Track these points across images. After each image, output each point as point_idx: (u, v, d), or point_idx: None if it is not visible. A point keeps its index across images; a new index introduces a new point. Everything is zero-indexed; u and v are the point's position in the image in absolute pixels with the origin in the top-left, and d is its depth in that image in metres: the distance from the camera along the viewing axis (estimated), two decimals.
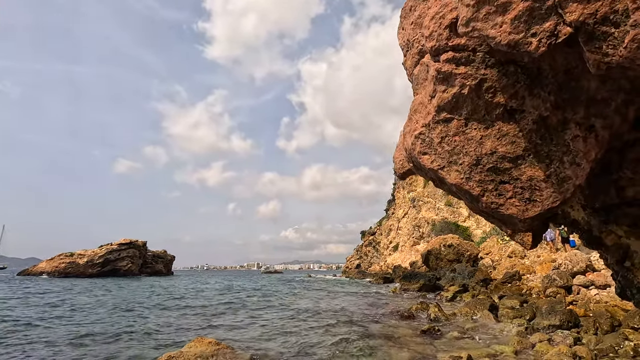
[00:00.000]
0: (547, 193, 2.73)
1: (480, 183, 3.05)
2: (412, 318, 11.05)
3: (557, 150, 2.70)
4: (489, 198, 3.02)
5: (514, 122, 2.82)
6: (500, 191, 2.97)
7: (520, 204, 2.89)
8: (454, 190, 3.48)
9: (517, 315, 9.93)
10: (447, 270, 26.94)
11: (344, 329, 9.86)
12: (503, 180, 2.95)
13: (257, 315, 12.92)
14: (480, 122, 2.97)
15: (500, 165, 2.94)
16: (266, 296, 22.17)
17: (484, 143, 2.98)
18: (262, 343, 8.37)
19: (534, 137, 2.76)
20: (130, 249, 69.57)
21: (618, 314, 8.42)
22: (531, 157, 2.80)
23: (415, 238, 51.45)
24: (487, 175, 2.99)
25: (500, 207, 2.96)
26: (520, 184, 2.88)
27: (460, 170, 3.16)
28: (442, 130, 3.24)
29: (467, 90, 2.90)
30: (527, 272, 19.90)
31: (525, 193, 2.87)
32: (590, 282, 12.82)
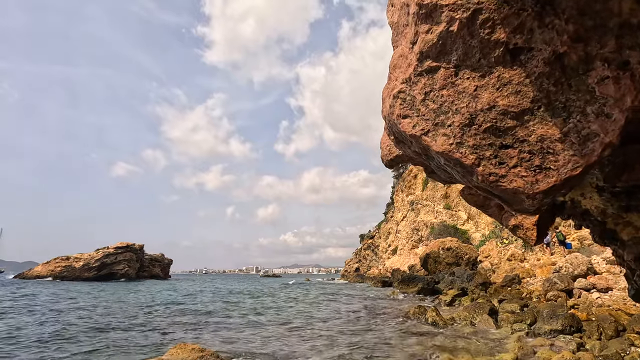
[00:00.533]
0: (565, 157, 2.14)
1: (474, 149, 2.46)
2: (410, 322, 10.57)
3: (577, 99, 2.09)
4: (486, 168, 2.42)
5: (518, 65, 2.24)
6: (501, 158, 2.38)
7: (527, 173, 2.28)
8: (442, 163, 2.87)
9: (517, 319, 9.46)
10: (445, 274, 26.45)
11: (338, 335, 9.39)
12: (505, 144, 2.37)
13: (250, 321, 12.43)
14: (474, 69, 2.40)
15: (500, 123, 2.36)
16: (262, 300, 21.65)
17: (479, 96, 2.41)
18: (253, 350, 7.88)
19: (546, 83, 2.17)
20: (127, 252, 68.92)
21: (622, 318, 7.96)
22: (542, 110, 2.22)
23: (414, 241, 50.95)
24: (484, 137, 2.42)
25: (501, 180, 2.35)
26: (528, 147, 2.29)
27: (449, 133, 2.58)
28: (426, 84, 2.66)
29: (456, 27, 2.31)
30: (527, 275, 19.47)
31: (534, 159, 2.27)
32: (592, 285, 12.38)
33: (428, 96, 2.68)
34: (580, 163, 2.09)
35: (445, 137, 2.59)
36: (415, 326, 9.99)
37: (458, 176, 2.79)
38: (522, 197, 2.33)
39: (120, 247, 68.20)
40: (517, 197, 2.37)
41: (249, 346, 8.22)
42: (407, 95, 2.88)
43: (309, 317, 12.93)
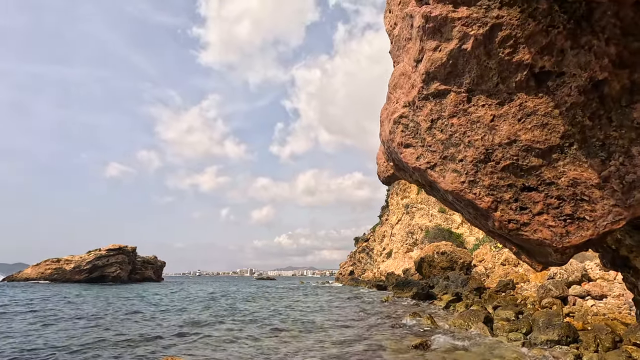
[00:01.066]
0: (604, 207, 1.78)
1: (491, 190, 2.07)
2: (404, 330, 10.46)
3: (619, 137, 1.73)
4: (505, 213, 2.07)
5: (545, 92, 1.84)
6: (524, 202, 2.02)
7: (556, 223, 1.92)
8: (450, 200, 2.51)
9: (512, 328, 9.41)
10: (440, 278, 26.45)
11: (330, 344, 9.23)
12: (528, 186, 2.00)
13: (241, 328, 12.20)
14: (490, 95, 1.99)
15: (523, 161, 1.98)
16: (254, 305, 21.39)
17: (497, 127, 2.01)
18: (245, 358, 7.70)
19: (580, 115, 1.79)
20: (119, 254, 68.07)
21: (618, 328, 7.94)
22: (575, 148, 1.84)
23: (409, 245, 50.98)
24: (503, 177, 2.05)
25: (523, 229, 1.99)
26: (557, 192, 1.91)
27: (461, 169, 2.19)
28: (433, 110, 2.24)
29: (470, 45, 1.91)
30: (521, 280, 19.51)
31: (564, 206, 1.90)
32: (587, 292, 12.40)
33: (435, 124, 2.29)
34: (624, 215, 1.74)
35: (456, 174, 2.23)
36: (410, 334, 9.89)
37: (469, 217, 2.45)
38: (548, 250, 1.99)
39: (112, 249, 67.35)
40: (542, 250, 2.04)
41: (237, 359, 8.04)
42: (410, 121, 2.48)
43: (300, 324, 12.76)
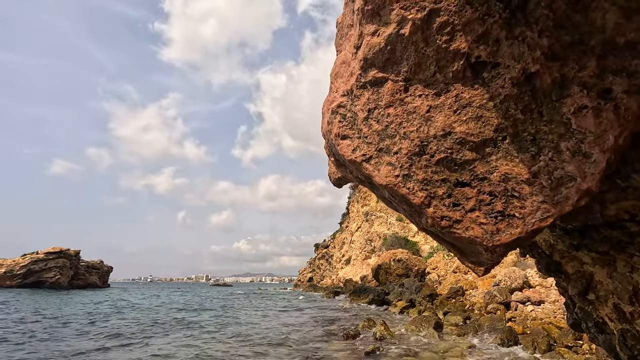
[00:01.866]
0: (533, 203, 1.74)
1: (425, 184, 2.01)
2: (358, 337, 10.43)
3: (549, 132, 1.72)
4: (437, 209, 1.98)
5: (481, 84, 1.84)
6: (457, 198, 1.94)
7: (487, 220, 1.85)
8: (387, 196, 2.36)
9: (460, 332, 9.69)
10: (395, 285, 26.98)
11: (281, 353, 8.93)
12: (461, 181, 1.94)
13: (185, 337, 11.51)
14: (428, 85, 1.99)
15: (457, 155, 1.94)
16: (204, 313, 20.44)
17: (432, 119, 1.99)
18: None
19: (513, 108, 1.78)
20: (59, 258, 62.71)
21: (553, 332, 8.43)
22: (507, 142, 1.83)
23: (367, 252, 51.78)
24: (437, 171, 1.99)
25: (455, 226, 1.93)
26: (489, 188, 1.86)
27: (395, 162, 2.10)
28: (370, 99, 2.19)
29: (408, 30, 1.89)
30: (470, 287, 20.40)
31: (496, 203, 1.85)
32: (527, 298, 13.15)
33: (372, 114, 2.23)
34: (551, 212, 1.71)
35: (391, 167, 2.14)
36: (363, 342, 9.85)
37: (405, 214, 2.36)
38: (479, 249, 1.93)
39: (51, 252, 61.90)
40: (473, 248, 1.98)
41: None
42: (348, 111, 2.40)
43: (251, 333, 12.32)
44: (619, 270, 2.17)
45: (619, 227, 2.05)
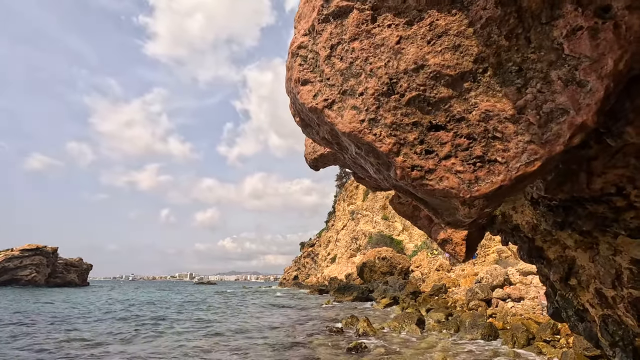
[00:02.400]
0: (518, 144, 1.52)
1: (393, 129, 1.76)
2: (341, 334, 10.45)
3: (538, 60, 1.50)
4: (408, 158, 1.73)
5: (459, 8, 1.62)
6: (430, 144, 1.71)
7: (464, 168, 1.62)
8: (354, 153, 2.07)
9: (442, 328, 9.83)
10: (380, 283, 27.23)
11: (264, 351, 8.87)
12: (435, 124, 1.71)
13: (164, 335, 11.29)
14: (399, 13, 1.76)
15: (430, 92, 1.70)
16: (187, 311, 20.14)
17: (403, 51, 1.74)
18: None
19: (496, 34, 1.55)
20: (35, 256, 60.76)
21: (532, 327, 8.63)
22: (488, 74, 1.59)
23: (353, 250, 52.06)
24: (407, 113, 1.74)
25: (427, 177, 1.68)
26: (467, 130, 1.63)
27: (361, 105, 1.84)
28: (333, 34, 1.94)
29: None
30: (452, 285, 20.77)
31: (475, 147, 1.62)
32: (507, 295, 13.45)
33: (335, 51, 1.94)
34: (539, 154, 1.48)
35: (355, 112, 1.86)
36: (346, 338, 9.88)
37: (373, 172, 2.08)
38: (455, 204, 1.71)
39: (27, 249, 59.89)
40: (448, 203, 1.75)
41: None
42: (310, 51, 2.10)
43: (235, 330, 12.19)
44: (601, 253, 2.08)
45: (605, 202, 1.93)
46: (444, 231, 2.75)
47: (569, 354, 5.19)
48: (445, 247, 2.41)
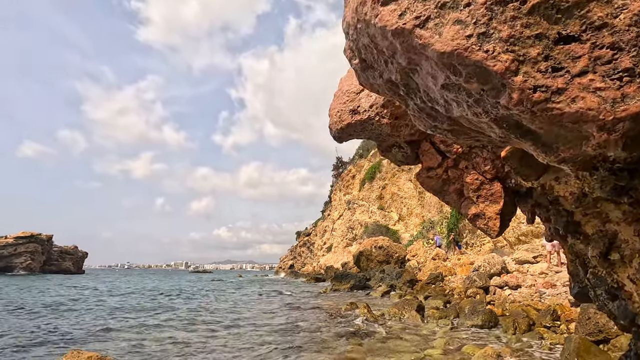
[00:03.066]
0: None
1: (510, 45, 1.45)
2: (341, 319, 10.52)
3: None
4: (529, 78, 1.43)
5: None
6: (558, 60, 1.40)
7: (606, 85, 1.33)
8: (439, 86, 1.75)
9: (442, 315, 9.92)
10: (376, 271, 27.44)
11: (264, 335, 8.91)
12: (565, 35, 1.41)
13: (160, 324, 11.29)
14: None
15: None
16: (183, 299, 20.20)
17: None
18: (168, 355, 7.07)
19: None
20: (30, 243, 60.47)
21: (531, 313, 8.73)
22: None
23: (349, 239, 52.38)
24: (529, 24, 1.42)
25: (554, 99, 1.39)
26: (610, 39, 1.33)
27: (467, 18, 1.52)
28: None
29: None
30: (449, 273, 21.02)
31: (622, 58, 1.31)
32: (505, 283, 13.61)
33: None
34: None
35: (459, 26, 1.54)
36: (347, 323, 9.95)
37: (464, 107, 1.76)
38: (587, 131, 1.40)
39: (22, 237, 59.58)
40: (575, 132, 1.44)
41: (163, 352, 7.39)
42: None
43: (231, 319, 12.23)
44: None
45: None
46: (475, 206, 2.69)
47: (573, 339, 5.24)
48: (477, 222, 2.37)
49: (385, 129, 3.49)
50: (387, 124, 3.43)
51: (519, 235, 21.80)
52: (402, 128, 3.55)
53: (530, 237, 21.09)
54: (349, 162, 67.72)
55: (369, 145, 58.96)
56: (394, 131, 3.58)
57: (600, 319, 5.88)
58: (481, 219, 2.85)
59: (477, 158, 3.02)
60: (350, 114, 3.21)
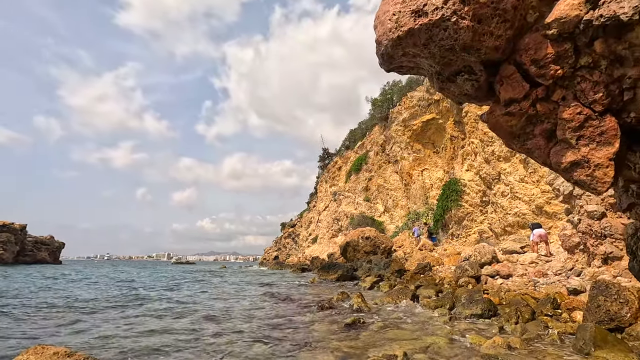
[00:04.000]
0: None
1: None
2: (333, 309, 10.08)
3: None
4: None
5: None
6: None
7: None
8: None
9: (437, 304, 9.63)
10: (363, 262, 27.24)
11: (252, 327, 8.37)
12: None
13: (138, 316, 10.61)
14: None
15: None
16: (161, 290, 19.41)
17: None
18: (138, 353, 6.45)
19: None
20: (2, 233, 57.84)
21: (530, 302, 8.51)
22: None
23: (334, 231, 52.22)
24: None
25: None
26: None
27: None
28: None
29: None
30: (436, 263, 20.96)
31: None
32: (496, 272, 13.49)
33: None
34: None
35: None
36: (340, 314, 9.52)
37: None
38: None
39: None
40: None
41: (134, 344, 6.76)
42: None
43: (215, 311, 11.66)
44: None
45: None
46: (574, 151, 2.13)
47: (588, 328, 4.92)
48: (575, 173, 1.85)
49: (463, 35, 2.62)
50: (466, 27, 2.56)
51: (505, 226, 21.91)
52: (486, 37, 2.66)
53: (516, 228, 21.23)
54: (335, 154, 67.28)
55: (356, 136, 58.57)
56: (475, 40, 2.68)
57: (612, 306, 5.61)
58: (582, 169, 2.15)
59: (584, 83, 2.39)
60: (412, 16, 2.42)
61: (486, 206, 24.21)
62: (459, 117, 27.89)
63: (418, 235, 29.92)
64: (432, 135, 34.70)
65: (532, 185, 19.69)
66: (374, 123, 48.82)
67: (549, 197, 18.27)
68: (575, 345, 5.05)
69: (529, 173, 19.79)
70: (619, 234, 9.33)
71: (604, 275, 8.69)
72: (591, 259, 10.00)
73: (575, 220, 10.92)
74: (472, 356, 5.26)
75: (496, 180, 22.39)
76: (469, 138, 26.26)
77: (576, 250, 11.30)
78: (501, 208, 22.07)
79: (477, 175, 24.41)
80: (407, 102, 37.92)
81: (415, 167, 36.66)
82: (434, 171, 34.97)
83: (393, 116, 40.16)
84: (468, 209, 25.88)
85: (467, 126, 26.01)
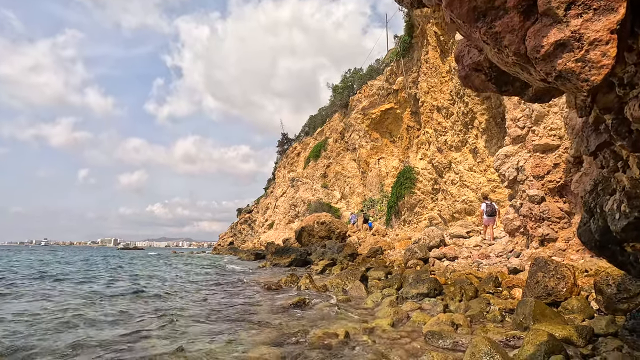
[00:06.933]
0: None
1: None
2: (281, 291, 9.68)
3: None
4: None
5: None
6: None
7: None
8: None
9: (385, 285, 9.58)
10: (318, 246, 27.20)
11: (196, 311, 7.73)
12: None
13: (62, 298, 9.54)
14: None
15: None
16: (99, 273, 17.91)
17: None
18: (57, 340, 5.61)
19: None
20: None
21: (473, 281, 8.69)
22: None
23: (291, 216, 51.86)
24: None
25: None
26: None
27: None
28: None
29: None
30: (388, 248, 21.40)
31: None
32: (443, 254, 13.87)
33: None
34: None
35: None
36: (287, 297, 9.16)
37: None
38: None
39: None
40: None
41: (51, 333, 5.91)
42: None
43: (162, 292, 10.82)
44: None
45: None
46: (560, 27, 1.63)
47: (527, 302, 4.94)
48: (560, 60, 1.41)
49: None
50: None
51: (454, 212, 22.80)
52: None
53: (463, 215, 22.18)
54: (294, 139, 66.42)
55: (316, 123, 58.14)
56: None
57: (549, 282, 5.73)
58: (571, 52, 1.60)
59: None
60: None
61: (437, 194, 25.02)
62: (416, 108, 28.40)
63: (354, 222, 32.17)
64: (390, 124, 35.18)
65: (479, 174, 20.55)
66: (334, 110, 48.61)
67: (494, 186, 19.17)
68: (515, 320, 5.08)
69: (477, 162, 20.62)
70: (555, 217, 9.82)
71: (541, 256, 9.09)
72: (530, 240, 10.48)
73: (517, 205, 11.39)
74: (417, 335, 5.11)
75: (447, 169, 23.13)
76: (424, 128, 26.85)
77: (517, 233, 11.84)
78: (450, 195, 22.89)
79: (429, 164, 25.08)
80: (367, 90, 38.05)
81: (373, 155, 37.11)
82: (390, 160, 35.61)
83: (353, 104, 40.17)
84: (420, 196, 26.63)
85: (422, 116, 26.53)
